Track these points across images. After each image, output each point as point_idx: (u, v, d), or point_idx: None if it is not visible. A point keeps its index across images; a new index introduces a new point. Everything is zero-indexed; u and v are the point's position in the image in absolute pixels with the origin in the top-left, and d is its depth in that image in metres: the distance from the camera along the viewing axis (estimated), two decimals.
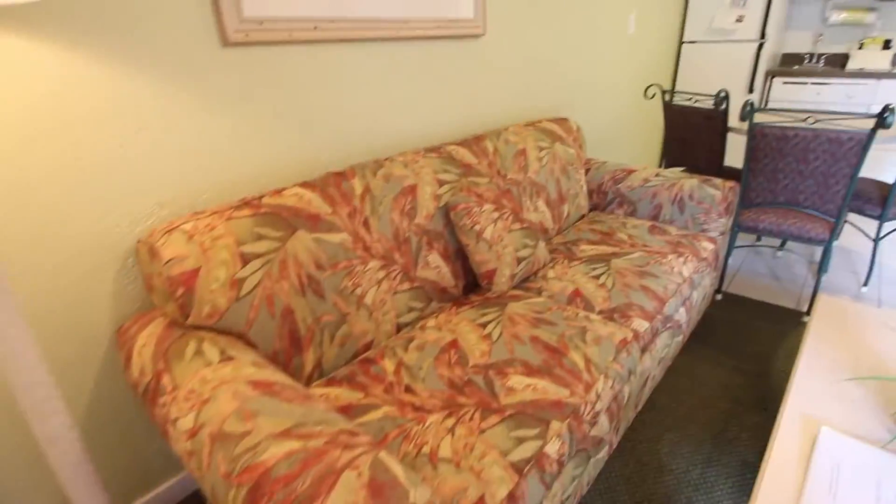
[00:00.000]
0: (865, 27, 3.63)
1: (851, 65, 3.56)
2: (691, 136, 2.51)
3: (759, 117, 2.43)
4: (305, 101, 1.40)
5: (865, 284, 2.44)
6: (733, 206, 2.04)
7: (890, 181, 2.36)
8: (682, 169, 2.71)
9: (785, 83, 3.55)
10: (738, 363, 1.92)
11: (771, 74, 3.60)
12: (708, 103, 2.39)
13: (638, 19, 3.05)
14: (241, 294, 1.09)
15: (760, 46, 3.43)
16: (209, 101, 1.21)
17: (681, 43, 3.75)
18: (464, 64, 1.86)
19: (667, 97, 2.58)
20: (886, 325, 1.39)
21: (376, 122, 1.60)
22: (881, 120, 1.74)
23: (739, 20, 3.44)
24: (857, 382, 1.14)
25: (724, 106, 2.26)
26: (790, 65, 3.90)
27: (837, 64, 3.73)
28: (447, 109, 1.84)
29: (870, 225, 2.98)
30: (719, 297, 2.39)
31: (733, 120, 2.52)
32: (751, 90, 3.56)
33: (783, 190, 2.07)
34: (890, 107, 1.72)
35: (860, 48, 3.61)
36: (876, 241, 2.35)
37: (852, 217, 3.10)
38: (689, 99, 2.45)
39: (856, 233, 2.99)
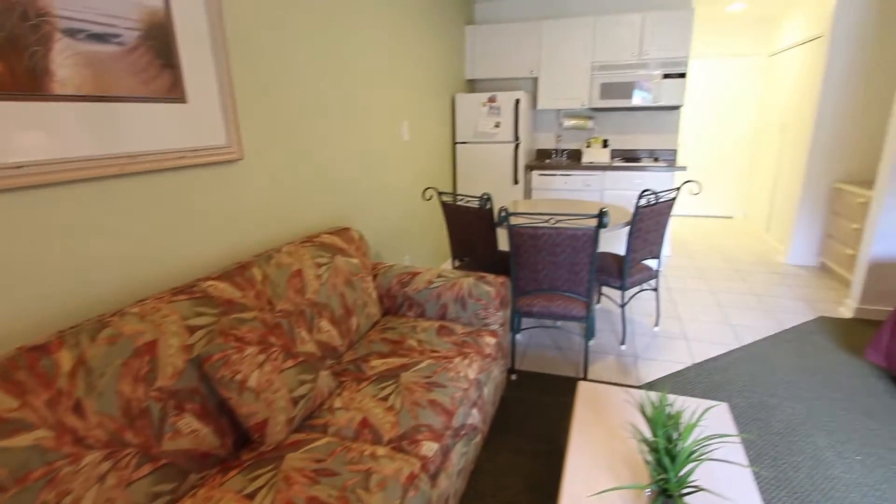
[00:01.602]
0: (588, 130, 4.62)
1: (584, 159, 4.46)
2: (469, 231, 2.76)
3: (519, 215, 2.80)
4: None
5: (623, 343, 2.89)
6: (507, 298, 2.24)
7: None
8: (465, 261, 2.94)
9: (540, 175, 4.25)
10: (534, 445, 2.03)
11: (530, 168, 4.28)
12: (477, 202, 2.67)
13: (411, 126, 3.36)
14: None
15: (517, 146, 4.08)
16: None
17: (454, 144, 4.25)
18: (222, 191, 1.74)
19: (444, 198, 2.82)
20: (628, 403, 1.61)
21: (103, 270, 1.36)
22: (600, 221, 2.14)
23: (497, 126, 4.06)
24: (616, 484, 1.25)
25: (487, 206, 2.55)
26: (543, 159, 4.72)
27: (575, 158, 4.64)
28: (205, 241, 1.68)
29: (618, 293, 3.60)
30: (514, 377, 2.56)
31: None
32: (516, 181, 4.16)
33: (544, 278, 2.36)
34: (604, 210, 2.13)
35: (588, 146, 4.56)
36: (622, 307, 2.83)
37: (604, 288, 3.69)
38: (461, 200, 2.71)
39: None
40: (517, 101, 4.00)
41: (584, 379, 2.50)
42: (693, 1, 4.12)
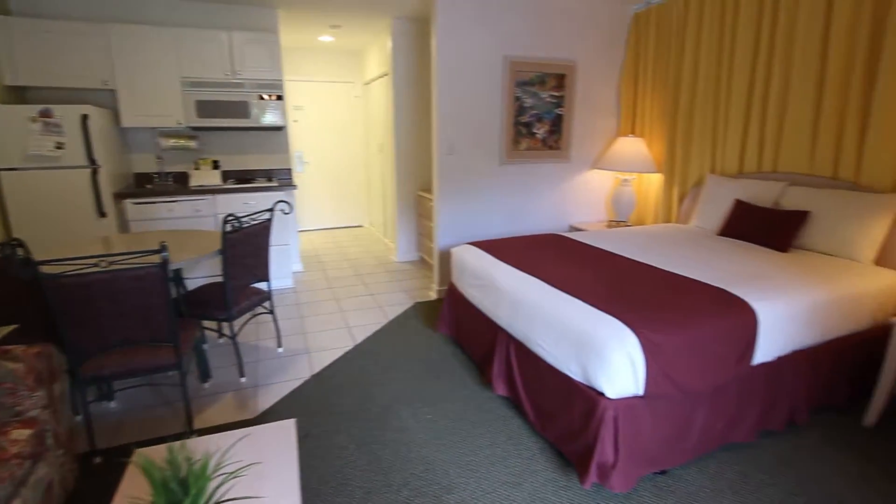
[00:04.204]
0: (194, 151, 4.27)
1: (193, 182, 4.09)
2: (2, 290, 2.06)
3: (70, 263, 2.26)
4: None
5: (243, 375, 2.75)
6: (48, 371, 1.75)
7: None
8: (13, 328, 2.21)
9: (136, 203, 3.65)
10: None
11: (120, 196, 3.61)
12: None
13: None
14: None
15: (95, 171, 3.38)
16: None
17: None
18: None
19: None
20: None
21: None
22: (162, 258, 1.90)
23: (60, 147, 3.25)
24: None
25: (19, 256, 1.95)
26: (143, 185, 4.09)
27: (183, 182, 4.22)
28: None
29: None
30: (98, 460, 2.05)
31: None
32: (103, 214, 3.45)
33: (112, 332, 1.96)
34: (163, 244, 1.90)
35: (197, 168, 4.21)
36: (233, 338, 2.68)
37: (211, 322, 3.31)
38: None
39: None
40: (85, 117, 3.30)
41: (190, 431, 2.24)
42: (279, 26, 4.32)
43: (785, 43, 2.98)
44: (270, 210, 2.82)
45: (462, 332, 3.00)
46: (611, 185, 4.49)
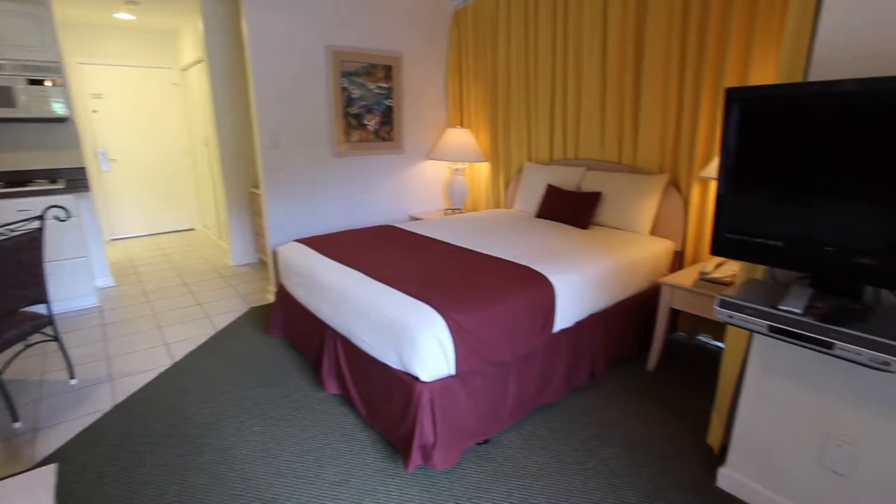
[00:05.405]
0: None
1: None
2: None
3: None
4: None
5: (17, 420, 2.27)
6: None
7: None
8: None
9: None
10: None
11: None
12: None
13: None
14: None
15: None
16: None
17: None
18: None
19: None
20: None
21: None
22: None
23: None
24: None
25: None
26: None
27: None
28: None
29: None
30: None
31: None
32: None
33: None
34: None
35: None
36: None
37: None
38: None
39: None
40: None
41: None
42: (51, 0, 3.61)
43: (576, 45, 3.35)
44: (40, 218, 2.34)
45: (294, 333, 2.85)
46: (446, 174, 4.66)
